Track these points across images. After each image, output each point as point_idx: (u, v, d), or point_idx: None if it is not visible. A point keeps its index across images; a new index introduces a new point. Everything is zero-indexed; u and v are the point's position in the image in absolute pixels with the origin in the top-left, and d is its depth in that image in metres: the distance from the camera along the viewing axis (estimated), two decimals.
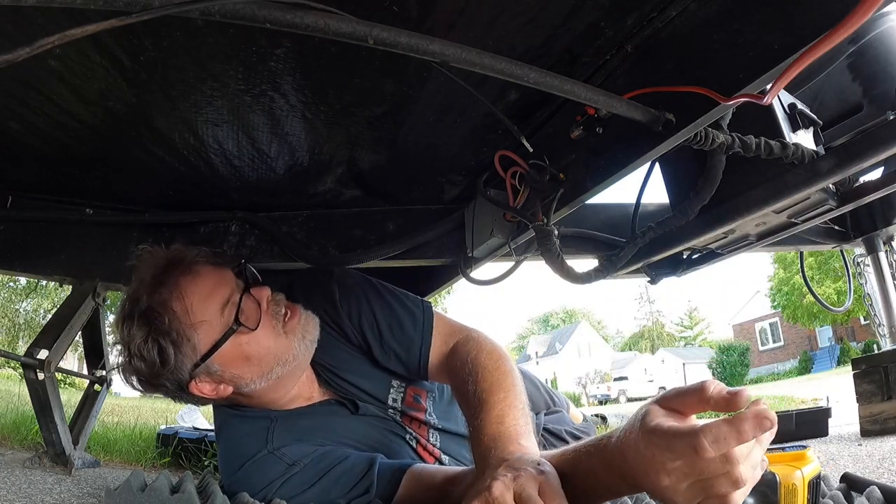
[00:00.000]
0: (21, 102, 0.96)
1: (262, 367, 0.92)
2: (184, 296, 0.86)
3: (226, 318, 0.88)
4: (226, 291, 0.90)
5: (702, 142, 0.75)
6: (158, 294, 0.86)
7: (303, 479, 0.88)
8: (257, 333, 0.89)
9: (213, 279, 0.91)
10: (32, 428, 1.85)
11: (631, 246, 1.09)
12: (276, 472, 0.89)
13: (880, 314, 1.81)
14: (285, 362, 0.93)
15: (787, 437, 2.02)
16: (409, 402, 1.11)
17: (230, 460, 0.95)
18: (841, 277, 14.17)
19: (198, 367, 0.88)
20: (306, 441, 0.94)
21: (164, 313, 0.85)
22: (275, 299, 0.95)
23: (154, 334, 0.84)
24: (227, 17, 0.49)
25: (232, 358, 0.89)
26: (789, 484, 0.58)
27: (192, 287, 0.88)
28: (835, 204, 0.99)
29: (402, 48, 0.56)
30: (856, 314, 16.89)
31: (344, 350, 1.06)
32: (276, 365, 0.92)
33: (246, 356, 0.90)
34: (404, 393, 1.10)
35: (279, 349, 0.92)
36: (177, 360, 0.85)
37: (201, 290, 0.88)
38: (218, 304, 0.88)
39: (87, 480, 1.40)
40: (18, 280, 10.62)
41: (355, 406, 1.03)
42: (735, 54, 0.69)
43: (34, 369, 1.41)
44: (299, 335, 0.94)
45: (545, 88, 0.65)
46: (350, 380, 1.05)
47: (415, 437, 1.08)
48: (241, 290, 0.91)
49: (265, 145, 1.14)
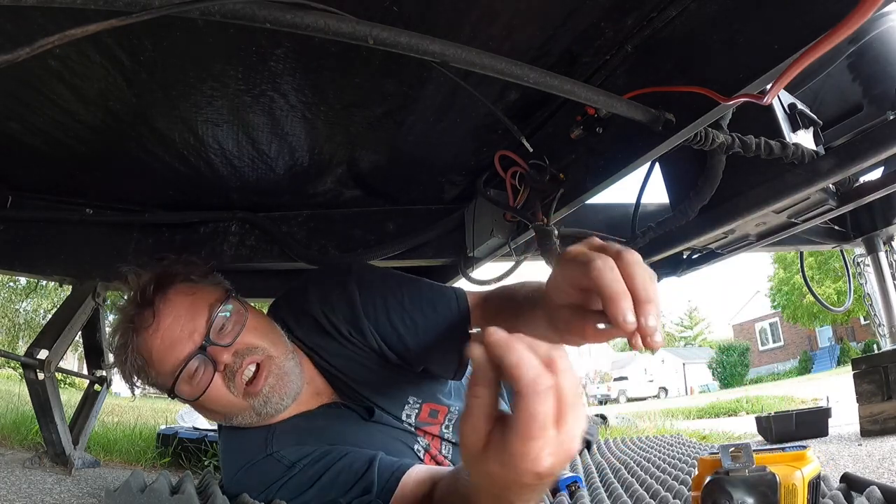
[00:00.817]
0: (21, 102, 0.96)
1: (224, 415, 0.93)
2: (141, 353, 0.89)
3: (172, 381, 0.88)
4: (183, 351, 0.87)
5: (702, 142, 0.75)
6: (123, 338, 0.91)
7: (302, 480, 0.87)
8: (208, 395, 0.88)
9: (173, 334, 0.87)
10: (32, 428, 1.85)
11: (631, 246, 1.09)
12: (275, 474, 0.89)
13: (880, 314, 1.81)
14: (246, 416, 0.92)
15: (787, 437, 2.02)
16: (424, 418, 1.08)
17: (230, 463, 0.95)
18: (841, 277, 14.17)
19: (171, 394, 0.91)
20: (306, 443, 0.93)
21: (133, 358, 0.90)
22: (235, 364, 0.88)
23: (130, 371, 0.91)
24: (227, 17, 0.49)
25: (193, 403, 0.91)
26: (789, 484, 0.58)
27: (147, 346, 0.88)
28: (835, 204, 1.00)
29: (402, 48, 0.56)
30: (856, 314, 16.87)
31: (361, 362, 1.02)
32: (234, 417, 0.92)
33: (202, 406, 0.92)
34: (419, 409, 1.08)
35: (234, 406, 0.90)
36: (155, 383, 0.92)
37: (155, 352, 0.88)
38: (169, 367, 0.88)
39: (87, 480, 1.39)
40: (18, 280, 10.62)
41: (370, 412, 1.00)
42: (735, 54, 0.69)
43: (34, 369, 1.40)
44: (262, 398, 0.90)
45: (545, 88, 0.65)
46: (363, 393, 1.02)
47: (424, 447, 1.06)
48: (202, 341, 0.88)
49: (265, 145, 1.14)
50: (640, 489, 1.03)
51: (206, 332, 0.87)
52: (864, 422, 1.83)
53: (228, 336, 0.89)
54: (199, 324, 0.88)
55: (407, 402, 1.06)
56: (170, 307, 0.88)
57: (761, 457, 0.61)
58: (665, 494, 0.93)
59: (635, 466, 1.33)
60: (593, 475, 1.27)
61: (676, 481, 1.05)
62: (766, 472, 0.58)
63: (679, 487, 0.99)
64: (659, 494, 0.95)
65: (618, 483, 1.13)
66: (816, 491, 0.61)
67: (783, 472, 0.59)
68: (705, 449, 1.70)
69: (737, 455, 0.60)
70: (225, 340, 0.88)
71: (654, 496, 0.96)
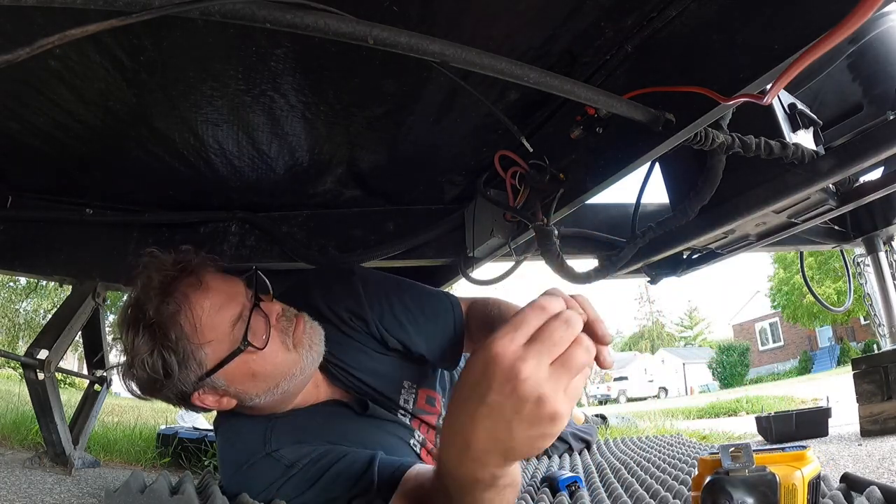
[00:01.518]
0: (21, 102, 0.96)
1: (269, 382, 0.90)
2: (192, 311, 0.84)
3: (235, 336, 0.85)
4: (236, 307, 0.87)
5: (702, 142, 0.75)
6: (166, 306, 0.83)
7: (301, 480, 0.87)
8: (266, 351, 0.87)
9: (224, 293, 0.87)
10: (32, 428, 1.85)
11: (631, 246, 1.09)
12: (273, 474, 0.88)
13: (880, 314, 1.81)
14: (292, 376, 0.92)
15: (787, 437, 2.02)
16: (422, 405, 1.10)
17: (228, 462, 0.94)
18: (841, 277, 14.16)
19: (202, 381, 0.87)
20: (305, 442, 0.93)
21: (172, 329, 0.83)
22: (285, 314, 0.93)
23: (160, 349, 0.83)
24: (227, 17, 0.49)
25: (238, 375, 0.88)
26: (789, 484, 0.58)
27: (201, 301, 0.85)
28: (835, 204, 0.99)
29: (402, 48, 0.56)
30: (856, 314, 16.88)
31: (359, 348, 1.06)
32: (282, 380, 0.91)
33: (253, 373, 0.88)
34: (416, 394, 1.10)
35: (287, 364, 0.91)
36: (181, 374, 0.84)
37: (211, 306, 0.85)
38: (228, 321, 0.85)
39: (87, 480, 1.39)
40: (18, 280, 10.62)
41: (364, 406, 1.02)
42: (735, 54, 0.69)
43: (34, 369, 1.40)
44: (306, 346, 0.92)
45: (545, 88, 0.65)
46: (361, 377, 1.04)
47: (420, 441, 1.08)
48: (251, 303, 0.89)
49: (265, 145, 1.14)
50: (640, 489, 1.03)
51: (250, 295, 0.89)
52: (864, 422, 1.83)
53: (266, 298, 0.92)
54: (239, 288, 0.90)
55: (403, 386, 1.10)
56: (213, 276, 0.90)
57: (761, 457, 0.61)
58: (665, 494, 0.94)
59: (635, 466, 1.33)
60: (593, 475, 1.27)
61: (676, 481, 1.05)
62: (766, 472, 0.58)
63: (679, 487, 0.99)
64: (659, 494, 0.95)
65: (618, 483, 1.13)
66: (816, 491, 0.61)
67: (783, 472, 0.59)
68: (705, 449, 1.70)
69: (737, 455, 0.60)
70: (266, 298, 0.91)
71: (654, 496, 0.96)
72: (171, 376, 0.84)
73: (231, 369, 0.87)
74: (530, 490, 1.15)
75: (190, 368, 0.85)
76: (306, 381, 0.97)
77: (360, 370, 1.05)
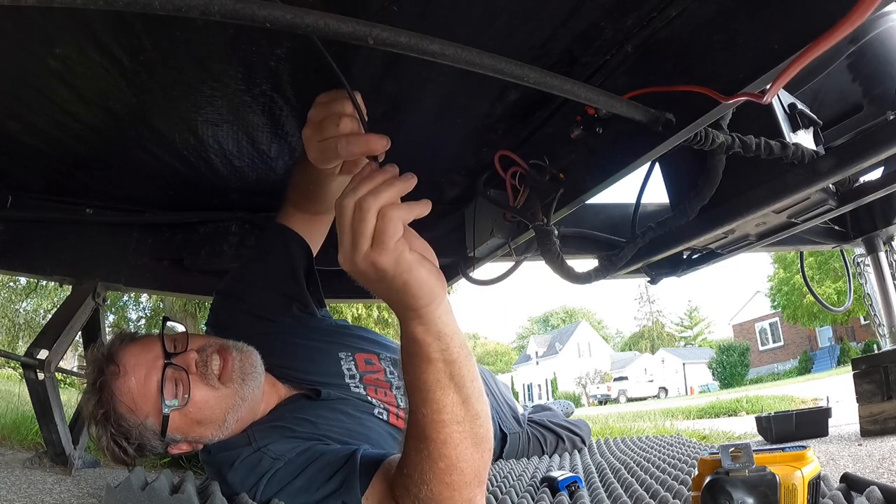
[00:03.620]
0: (21, 102, 0.96)
1: (216, 422, 0.96)
2: (122, 397, 0.92)
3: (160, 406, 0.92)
4: (157, 373, 0.92)
5: (702, 142, 0.75)
6: (102, 402, 0.92)
7: (287, 472, 0.90)
8: (195, 400, 0.93)
9: (142, 366, 0.93)
10: (32, 428, 1.85)
11: (631, 246, 1.09)
12: (264, 466, 0.91)
13: (880, 314, 1.81)
14: (236, 407, 0.97)
15: (787, 437, 2.02)
16: (364, 367, 1.15)
17: (219, 464, 0.97)
18: (841, 277, 14.16)
19: (163, 441, 0.95)
20: (287, 438, 0.97)
21: (115, 417, 0.92)
22: (202, 358, 0.96)
23: (116, 437, 0.93)
24: (227, 17, 0.49)
25: (185, 427, 0.95)
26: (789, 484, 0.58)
27: (124, 386, 0.92)
28: (835, 204, 1.00)
29: (402, 48, 0.56)
30: (856, 314, 16.88)
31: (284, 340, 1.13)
32: (227, 414, 0.96)
33: (197, 421, 0.95)
34: (354, 361, 1.16)
35: (223, 401, 0.96)
36: (146, 444, 0.94)
37: (135, 384, 0.92)
38: (154, 390, 0.92)
39: (87, 480, 1.39)
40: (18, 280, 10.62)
41: (317, 393, 1.06)
42: (735, 54, 0.69)
43: (34, 369, 1.40)
44: (238, 380, 0.96)
45: (545, 88, 0.65)
46: (299, 367, 1.10)
47: (384, 409, 1.11)
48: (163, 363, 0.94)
49: (265, 145, 1.14)
50: (640, 489, 1.03)
51: (164, 352, 0.94)
52: (864, 422, 1.83)
53: (181, 346, 0.97)
54: (156, 351, 0.95)
55: (339, 357, 1.15)
56: (128, 354, 0.95)
57: (761, 457, 0.61)
58: (665, 494, 0.94)
59: (635, 466, 1.33)
60: (593, 475, 1.27)
61: (676, 481, 1.05)
62: (766, 472, 0.58)
63: (679, 487, 0.99)
64: (659, 494, 0.95)
65: (618, 483, 1.13)
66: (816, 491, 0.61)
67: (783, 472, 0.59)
68: (705, 449, 1.70)
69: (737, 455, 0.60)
70: (180, 349, 0.96)
71: (654, 496, 0.96)
72: (140, 448, 0.95)
73: (176, 425, 0.94)
74: (530, 490, 1.15)
75: (146, 436, 0.94)
76: (256, 400, 1.01)
77: (296, 361, 1.11)
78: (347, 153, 0.76)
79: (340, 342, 1.20)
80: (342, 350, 1.17)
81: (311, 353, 1.14)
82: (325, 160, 0.83)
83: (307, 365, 1.11)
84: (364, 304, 9.91)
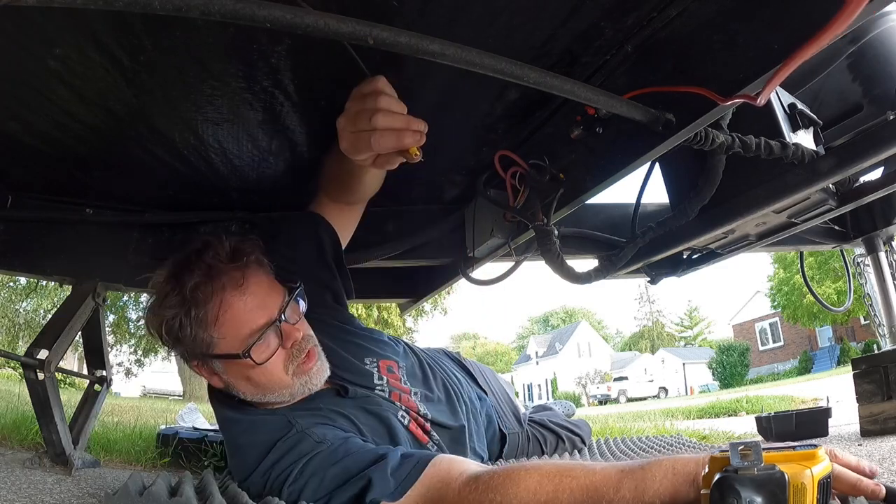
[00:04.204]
0: (21, 102, 0.96)
1: (259, 389, 0.96)
2: (222, 304, 0.91)
3: (245, 343, 0.91)
4: (262, 317, 0.93)
5: (702, 142, 0.75)
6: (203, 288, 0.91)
7: (326, 458, 0.88)
8: (264, 366, 0.93)
9: (259, 299, 0.93)
10: (32, 428, 1.85)
11: (631, 246, 1.09)
12: (307, 447, 0.90)
13: (880, 314, 1.81)
14: (281, 394, 0.98)
15: (787, 437, 2.02)
16: (386, 374, 1.15)
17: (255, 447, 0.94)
18: (841, 277, 14.16)
19: (203, 358, 0.95)
20: (329, 427, 0.97)
21: (197, 309, 0.90)
22: (301, 345, 0.97)
23: (181, 319, 0.91)
24: (227, 17, 0.49)
25: (234, 371, 0.95)
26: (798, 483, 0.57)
27: (234, 300, 0.91)
28: (835, 204, 1.00)
29: (402, 48, 0.56)
30: (856, 314, 16.88)
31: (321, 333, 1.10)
32: (271, 393, 0.97)
33: (247, 377, 0.95)
34: (378, 367, 1.16)
35: (279, 384, 0.96)
36: (188, 344, 0.93)
37: (242, 307, 0.92)
38: (248, 326, 0.91)
39: (87, 480, 1.39)
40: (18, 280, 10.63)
41: (345, 390, 1.07)
42: (735, 54, 0.69)
43: (34, 369, 1.40)
44: (305, 379, 0.97)
45: (545, 88, 0.65)
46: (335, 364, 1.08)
47: (406, 413, 1.11)
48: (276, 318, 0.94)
49: (266, 145, 1.14)
50: None
51: (281, 310, 0.94)
52: (864, 422, 1.83)
53: (294, 316, 0.97)
54: (276, 300, 0.95)
55: (364, 363, 1.15)
56: (256, 276, 0.95)
57: (771, 455, 0.60)
58: None
59: None
60: None
61: None
62: (776, 470, 0.58)
63: None
64: None
65: None
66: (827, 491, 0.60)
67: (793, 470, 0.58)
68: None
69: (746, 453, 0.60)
70: (292, 318, 0.97)
71: None
72: (181, 341, 0.93)
73: (230, 365, 0.94)
74: None
75: (197, 345, 0.92)
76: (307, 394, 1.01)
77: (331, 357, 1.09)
78: (380, 147, 0.76)
79: (368, 346, 1.19)
80: (368, 356, 1.17)
81: (344, 349, 1.14)
82: (356, 151, 0.84)
83: (341, 362, 1.11)
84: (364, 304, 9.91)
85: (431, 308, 12.77)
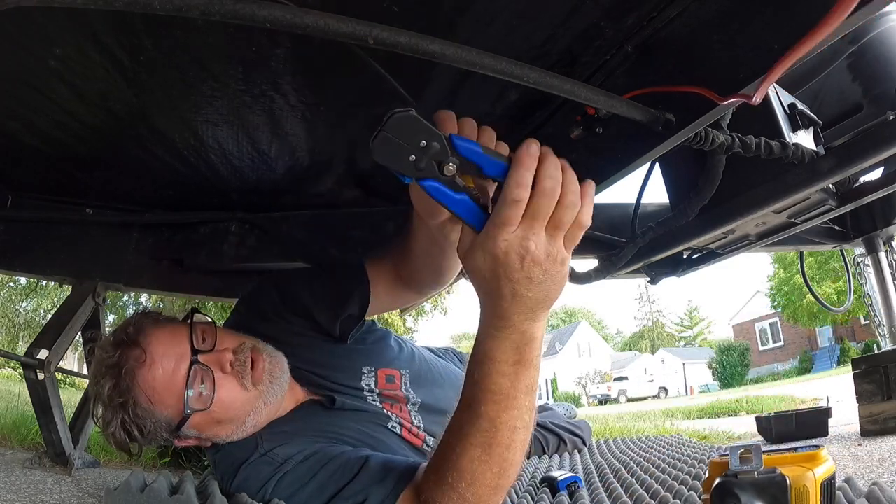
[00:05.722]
0: (21, 102, 0.96)
1: (235, 423, 0.95)
2: (143, 385, 0.88)
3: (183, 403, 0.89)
4: (181, 371, 0.89)
5: (702, 142, 0.75)
6: (118, 387, 0.88)
7: (296, 477, 0.88)
8: (221, 399, 0.91)
9: (170, 356, 0.90)
10: (32, 428, 1.85)
11: (631, 246, 1.09)
12: (267, 472, 0.89)
13: (880, 314, 1.81)
14: (258, 410, 0.96)
15: (787, 437, 2.02)
16: (383, 385, 1.15)
17: (226, 467, 0.96)
18: (841, 277, 14.15)
19: (174, 434, 0.93)
20: (295, 442, 0.95)
21: (130, 405, 0.89)
22: (240, 359, 0.94)
23: (127, 423, 0.89)
24: (227, 17, 0.49)
25: (204, 425, 0.93)
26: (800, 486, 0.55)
27: (149, 375, 0.89)
28: (835, 204, 1.00)
29: (402, 48, 0.56)
30: (856, 314, 16.88)
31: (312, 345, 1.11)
32: (248, 417, 0.95)
33: (217, 420, 0.93)
34: (375, 376, 1.15)
35: (248, 403, 0.94)
36: (152, 434, 0.92)
37: (162, 374, 0.89)
38: (180, 384, 0.89)
39: (87, 480, 1.40)
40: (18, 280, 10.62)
41: (332, 401, 1.05)
42: (735, 54, 0.69)
43: (34, 369, 1.40)
44: (266, 382, 0.95)
45: (545, 88, 0.65)
46: (321, 373, 1.09)
47: (398, 423, 1.10)
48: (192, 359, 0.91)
49: (265, 145, 1.14)
50: (640, 489, 1.03)
51: (192, 347, 0.91)
52: (864, 422, 1.83)
53: (209, 340, 0.94)
54: (184, 344, 0.92)
55: (362, 372, 1.14)
56: (152, 337, 0.92)
57: (772, 458, 0.59)
58: (665, 494, 0.94)
59: (635, 466, 1.33)
60: (593, 475, 1.27)
61: (676, 481, 1.05)
62: (776, 473, 0.56)
63: (679, 487, 0.99)
64: (659, 494, 0.95)
65: (618, 483, 1.13)
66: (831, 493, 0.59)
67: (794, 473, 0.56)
68: (705, 449, 1.70)
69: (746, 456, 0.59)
70: (208, 344, 0.93)
71: (654, 496, 0.96)
72: (147, 437, 0.92)
73: (194, 423, 0.91)
74: (530, 490, 1.15)
75: (159, 428, 0.91)
76: (277, 404, 1.00)
77: (318, 368, 1.09)
78: None
79: (367, 356, 1.17)
80: (366, 364, 1.15)
81: (335, 360, 1.12)
82: (430, 214, 0.79)
83: (329, 372, 1.09)
84: None
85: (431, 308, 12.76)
